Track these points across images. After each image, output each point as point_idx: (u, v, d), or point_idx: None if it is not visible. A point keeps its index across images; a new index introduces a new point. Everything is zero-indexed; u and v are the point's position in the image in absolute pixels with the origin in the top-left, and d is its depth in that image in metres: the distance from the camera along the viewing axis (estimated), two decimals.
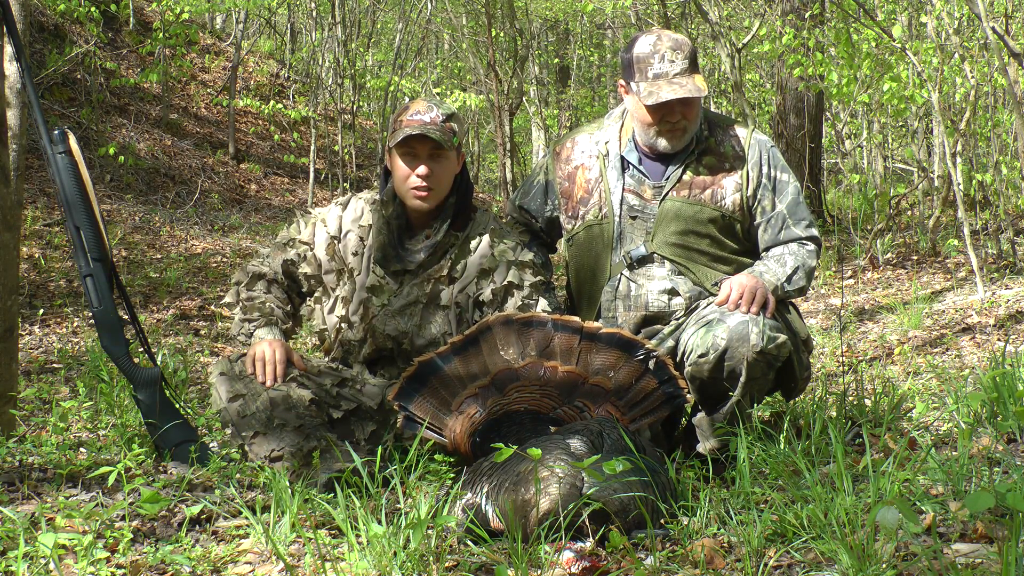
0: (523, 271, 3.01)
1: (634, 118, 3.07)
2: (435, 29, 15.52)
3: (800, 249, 3.05)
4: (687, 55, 2.96)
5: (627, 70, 3.04)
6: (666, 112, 2.98)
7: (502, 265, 3.00)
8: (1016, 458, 2.51)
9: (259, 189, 12.20)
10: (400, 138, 2.90)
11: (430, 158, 2.92)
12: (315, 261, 3.07)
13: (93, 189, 3.12)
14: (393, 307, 2.99)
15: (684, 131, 3.02)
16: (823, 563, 1.97)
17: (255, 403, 2.84)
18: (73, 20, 11.23)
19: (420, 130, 2.88)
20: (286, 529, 2.28)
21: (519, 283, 2.99)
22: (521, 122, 18.07)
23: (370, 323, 3.00)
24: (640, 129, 3.05)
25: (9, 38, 3.25)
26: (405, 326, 2.98)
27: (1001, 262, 6.76)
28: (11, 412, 3.29)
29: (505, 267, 3.00)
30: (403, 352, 3.01)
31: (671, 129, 3.00)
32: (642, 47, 2.99)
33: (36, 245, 7.65)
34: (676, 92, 2.92)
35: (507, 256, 3.01)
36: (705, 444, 2.94)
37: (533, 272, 3.02)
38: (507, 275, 2.99)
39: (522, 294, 2.98)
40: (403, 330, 2.98)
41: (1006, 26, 6.56)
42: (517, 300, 2.97)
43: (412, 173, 2.93)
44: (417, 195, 2.93)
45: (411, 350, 2.99)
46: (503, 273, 3.00)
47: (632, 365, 2.77)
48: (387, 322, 2.99)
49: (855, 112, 11.31)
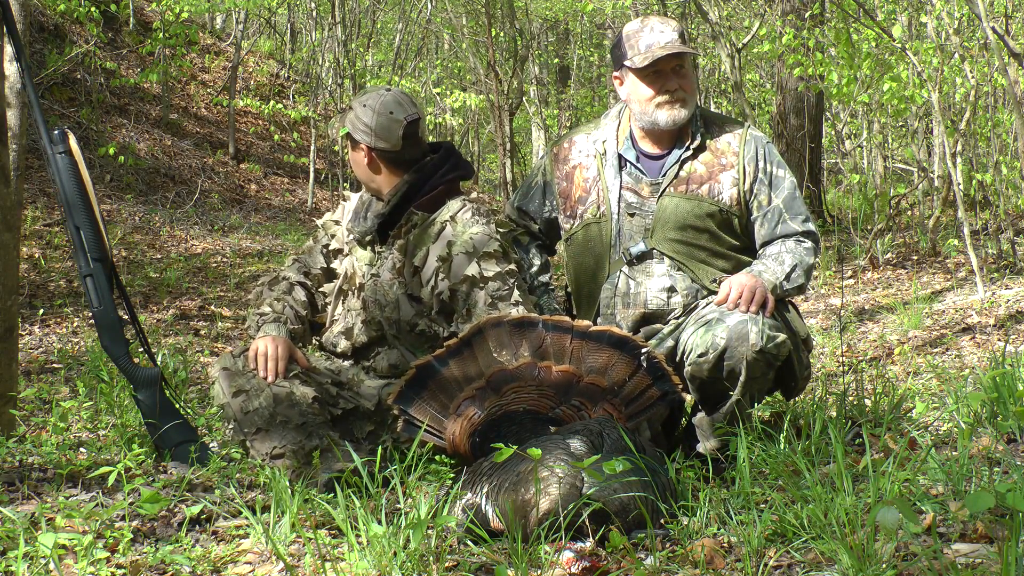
0: (486, 262, 2.91)
1: (632, 102, 3.07)
2: (435, 29, 15.52)
3: (798, 247, 3.05)
4: (676, 29, 3.02)
5: (617, 55, 3.08)
6: (664, 81, 3.01)
7: (457, 257, 2.92)
8: (1016, 458, 2.51)
9: (259, 189, 12.21)
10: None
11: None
12: (343, 238, 3.15)
13: (93, 189, 3.12)
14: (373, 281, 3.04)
15: (683, 102, 3.02)
16: (823, 563, 1.97)
17: (258, 399, 2.84)
18: (73, 20, 11.23)
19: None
20: (286, 529, 2.28)
21: (479, 276, 2.89)
22: (521, 122, 18.07)
23: (360, 297, 3.05)
24: (639, 112, 3.06)
25: (9, 38, 3.25)
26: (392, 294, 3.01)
27: (1001, 262, 6.76)
28: (11, 412, 3.29)
29: (463, 260, 2.91)
30: (393, 325, 3.02)
31: (670, 100, 3.02)
32: (630, 27, 3.06)
33: (36, 245, 7.65)
34: (669, 49, 2.97)
35: (465, 248, 2.92)
36: (705, 444, 2.94)
37: (497, 261, 2.92)
38: (466, 268, 2.90)
39: (491, 286, 2.89)
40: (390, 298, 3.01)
41: (1006, 26, 6.56)
42: (485, 295, 2.88)
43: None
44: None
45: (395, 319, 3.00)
46: (462, 265, 2.91)
47: (626, 362, 2.77)
48: (375, 293, 3.02)
49: (855, 112, 11.31)
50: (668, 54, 2.97)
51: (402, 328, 3.01)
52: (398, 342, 3.03)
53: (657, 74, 3.02)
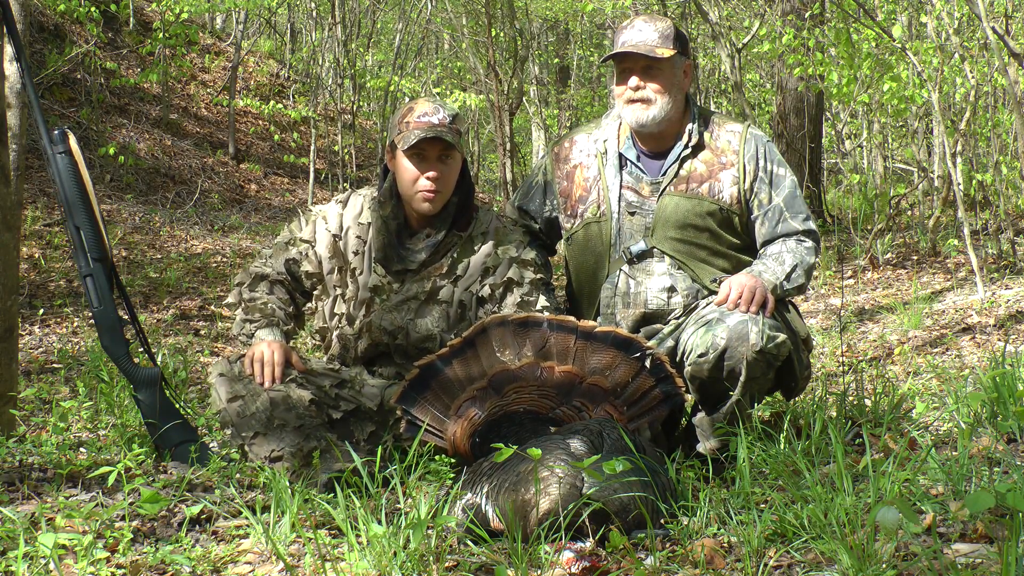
0: (524, 268, 3.02)
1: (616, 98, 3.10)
2: (435, 29, 15.51)
3: (798, 247, 3.05)
4: (660, 30, 3.00)
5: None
6: (629, 79, 3.01)
7: (504, 262, 3.01)
8: (1016, 458, 2.51)
9: (259, 189, 12.20)
10: (413, 141, 2.89)
11: (439, 160, 2.92)
12: (316, 259, 3.07)
13: (93, 189, 3.12)
14: (391, 302, 3.00)
15: (646, 102, 3.01)
16: (823, 563, 1.97)
17: (255, 404, 2.84)
18: (73, 20, 11.23)
19: (432, 133, 2.88)
20: (286, 529, 2.27)
21: (519, 280, 3.00)
22: (521, 122, 18.06)
23: (368, 319, 3.01)
24: (618, 109, 3.08)
25: (9, 38, 3.25)
26: (401, 320, 2.99)
27: (1001, 262, 6.76)
28: (11, 412, 3.29)
29: (506, 264, 3.02)
30: (398, 348, 3.01)
31: (632, 99, 3.02)
32: (621, 24, 3.09)
33: (36, 245, 7.65)
34: (627, 48, 2.97)
35: (509, 253, 3.03)
36: (705, 444, 2.94)
37: (534, 270, 3.04)
38: (507, 272, 3.01)
39: (521, 291, 2.99)
40: (399, 324, 2.99)
41: (1006, 26, 6.56)
42: (516, 297, 2.99)
43: (421, 176, 2.92)
44: (425, 197, 2.93)
45: (406, 344, 2.99)
46: (504, 270, 3.01)
47: (629, 364, 2.77)
48: (383, 316, 2.99)
49: (855, 112, 11.30)
50: (623, 52, 2.98)
51: (410, 343, 3.01)
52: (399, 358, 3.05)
53: (624, 72, 3.03)
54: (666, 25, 3.02)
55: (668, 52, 2.97)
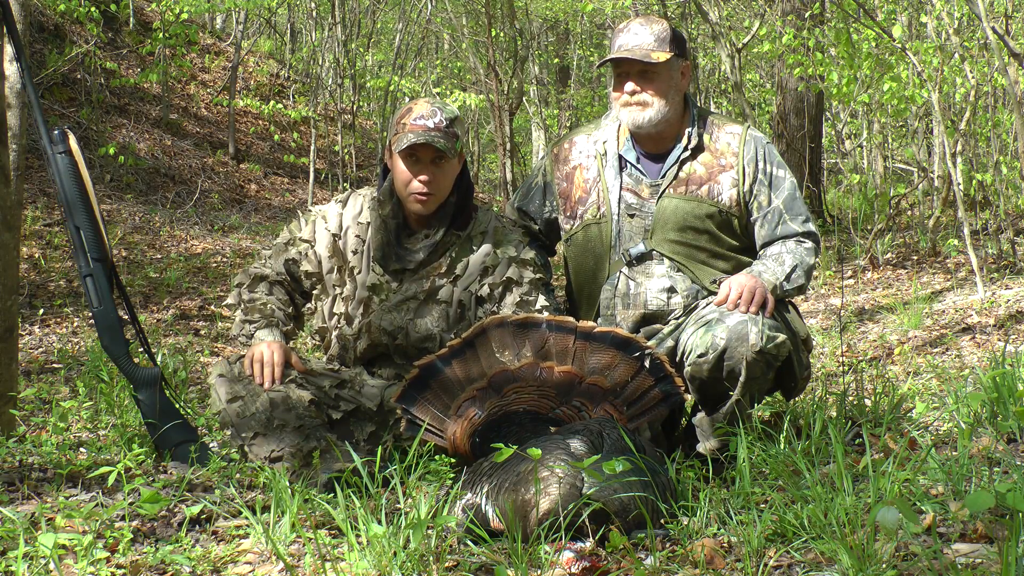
0: (523, 268, 3.02)
1: (613, 101, 3.11)
2: (435, 29, 15.51)
3: (798, 247, 3.05)
4: (656, 33, 3.00)
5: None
6: (625, 82, 3.02)
7: (503, 262, 3.01)
8: (1016, 458, 2.51)
9: (259, 189, 12.20)
10: (404, 145, 2.89)
11: (433, 164, 2.92)
12: (316, 259, 3.07)
13: (93, 189, 3.12)
14: (390, 302, 3.00)
15: (642, 105, 3.02)
16: (823, 563, 1.97)
17: (254, 404, 2.84)
18: (73, 20, 11.23)
19: (424, 138, 2.88)
20: (286, 529, 2.27)
21: (518, 279, 3.00)
22: (521, 122, 18.07)
23: (367, 319, 3.01)
24: (616, 110, 3.08)
25: (9, 38, 3.25)
26: (400, 320, 2.99)
27: (1001, 262, 6.76)
28: (11, 412, 3.29)
29: (506, 264, 3.02)
30: (398, 348, 3.01)
31: (628, 103, 3.02)
32: (618, 27, 3.08)
33: (36, 245, 7.65)
34: (622, 53, 2.98)
35: (509, 252, 3.03)
36: (705, 444, 2.94)
37: (533, 269, 3.04)
38: (507, 271, 3.01)
39: (521, 290, 3.00)
40: (398, 324, 2.99)
41: (1006, 26, 6.56)
42: (515, 296, 2.99)
43: (414, 178, 2.92)
44: (418, 199, 2.94)
45: (406, 344, 3.00)
46: (503, 269, 3.01)
47: (628, 363, 2.77)
48: (383, 316, 2.99)
49: (855, 112, 11.31)
50: (617, 57, 2.99)
51: (410, 344, 3.01)
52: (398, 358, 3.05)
53: (621, 76, 3.04)
54: (662, 27, 3.02)
55: (664, 56, 2.97)
